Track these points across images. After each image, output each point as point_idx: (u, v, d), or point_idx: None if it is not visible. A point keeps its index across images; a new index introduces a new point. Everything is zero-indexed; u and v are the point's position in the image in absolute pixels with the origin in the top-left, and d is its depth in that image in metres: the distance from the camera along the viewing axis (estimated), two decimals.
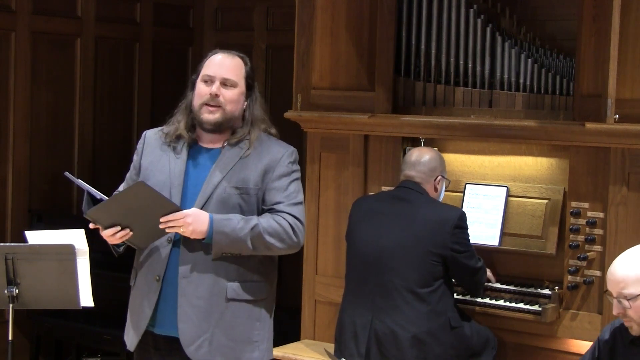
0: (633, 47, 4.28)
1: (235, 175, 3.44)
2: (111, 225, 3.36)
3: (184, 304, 3.40)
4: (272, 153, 3.50)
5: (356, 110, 4.98)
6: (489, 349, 4.41)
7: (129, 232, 3.36)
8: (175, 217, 3.32)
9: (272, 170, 3.47)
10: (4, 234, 6.03)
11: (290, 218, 3.45)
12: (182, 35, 7.14)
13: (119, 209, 3.34)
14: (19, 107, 6.09)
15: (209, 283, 3.41)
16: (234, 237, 3.36)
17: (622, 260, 3.14)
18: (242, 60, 3.54)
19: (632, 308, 3.08)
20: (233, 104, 3.47)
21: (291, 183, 3.50)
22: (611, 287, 3.14)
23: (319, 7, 5.07)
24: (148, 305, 3.45)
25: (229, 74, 3.48)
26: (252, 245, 3.39)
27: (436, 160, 4.44)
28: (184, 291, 3.40)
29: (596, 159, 4.38)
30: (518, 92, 4.75)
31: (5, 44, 6.02)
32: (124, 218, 3.35)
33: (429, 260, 4.21)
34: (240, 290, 3.44)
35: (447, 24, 4.90)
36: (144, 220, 3.35)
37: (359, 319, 4.29)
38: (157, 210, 3.32)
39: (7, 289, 3.73)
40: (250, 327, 3.49)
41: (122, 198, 3.38)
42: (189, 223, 3.32)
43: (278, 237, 3.42)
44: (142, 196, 3.32)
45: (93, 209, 3.36)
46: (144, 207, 3.32)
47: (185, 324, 3.40)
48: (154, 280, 3.44)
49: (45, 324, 5.86)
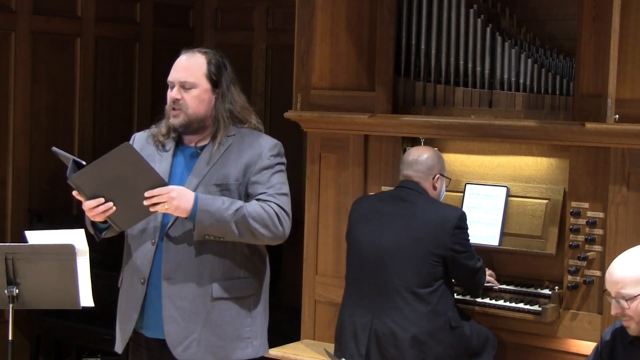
0: (633, 47, 4.28)
1: (216, 173, 3.44)
2: (94, 196, 3.30)
3: (169, 306, 3.39)
4: (254, 147, 3.48)
5: (356, 110, 4.98)
6: (489, 348, 4.41)
7: (112, 206, 3.30)
8: (161, 192, 3.29)
9: (254, 164, 3.46)
10: (4, 234, 6.03)
11: (275, 207, 3.42)
12: (182, 35, 7.13)
13: (104, 175, 3.28)
14: (19, 107, 6.09)
15: (193, 284, 3.40)
16: (218, 217, 3.33)
17: (621, 260, 3.15)
18: (204, 58, 3.51)
19: (630, 308, 3.09)
20: (194, 104, 3.46)
21: (274, 175, 3.48)
22: (610, 287, 3.15)
23: (319, 7, 5.07)
24: (134, 308, 3.45)
25: (186, 76, 3.46)
26: (236, 229, 3.35)
27: (433, 159, 4.43)
28: (167, 293, 3.39)
29: (596, 159, 4.38)
30: (518, 92, 4.75)
31: (5, 44, 6.02)
32: (108, 189, 3.29)
33: (429, 260, 4.21)
34: (226, 289, 3.43)
35: (447, 24, 4.90)
36: (129, 194, 3.29)
37: (359, 319, 4.29)
38: (143, 183, 3.28)
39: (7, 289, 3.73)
40: (240, 324, 3.47)
41: (107, 161, 3.28)
42: (173, 197, 3.29)
43: (263, 222, 3.38)
44: (128, 161, 3.27)
45: (77, 173, 3.30)
46: (129, 178, 3.28)
47: (170, 325, 3.39)
48: (139, 283, 3.44)
49: (45, 324, 5.86)
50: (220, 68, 3.52)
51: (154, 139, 3.55)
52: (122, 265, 3.58)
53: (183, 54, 3.54)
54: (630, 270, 3.10)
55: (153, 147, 3.54)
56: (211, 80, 3.49)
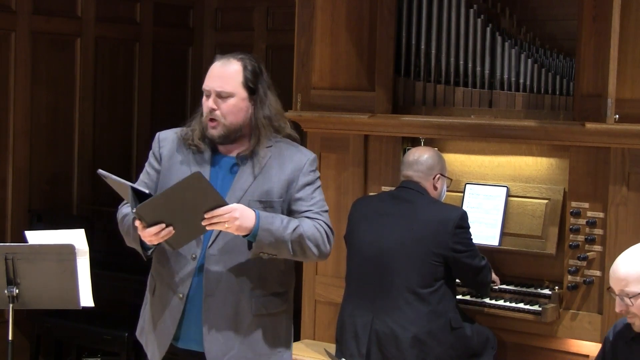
0: (633, 47, 4.29)
1: (258, 189, 3.34)
2: (155, 222, 3.14)
3: (210, 322, 3.33)
4: (294, 162, 3.39)
5: (356, 110, 4.98)
6: (489, 349, 4.41)
7: (172, 230, 3.17)
8: (222, 212, 3.14)
9: (296, 180, 3.37)
10: (4, 234, 6.03)
11: (325, 226, 3.35)
12: (182, 35, 7.14)
13: (168, 204, 3.14)
14: (19, 107, 6.09)
15: (234, 300, 3.33)
16: (277, 236, 3.24)
17: (625, 258, 3.14)
18: (240, 65, 3.37)
19: (634, 306, 3.09)
20: (232, 115, 3.34)
21: (315, 191, 3.41)
22: (613, 284, 3.15)
23: (319, 7, 5.07)
24: (172, 322, 3.37)
25: (222, 85, 3.34)
26: (291, 248, 3.28)
27: (434, 159, 4.43)
28: (209, 309, 3.32)
29: (596, 159, 4.38)
30: (518, 92, 4.75)
31: (5, 44, 6.02)
32: (171, 214, 3.14)
33: (430, 260, 4.21)
34: (264, 305, 3.38)
35: (447, 24, 4.90)
36: (189, 216, 3.16)
37: (360, 319, 4.29)
38: (203, 205, 3.14)
39: (7, 289, 3.74)
40: (276, 339, 3.43)
41: (174, 191, 3.12)
42: (236, 217, 3.17)
43: (315, 242, 3.32)
44: (195, 189, 3.12)
45: (144, 205, 3.12)
46: (192, 202, 3.14)
47: (211, 343, 3.33)
48: (177, 298, 3.35)
49: (45, 324, 5.86)
50: (257, 74, 3.38)
51: (186, 141, 3.41)
52: (152, 270, 3.48)
53: (217, 60, 3.40)
54: (634, 268, 3.09)
55: (188, 151, 3.41)
56: (248, 87, 3.36)
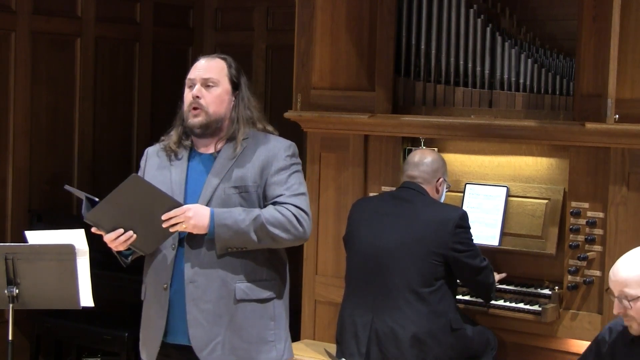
0: (633, 47, 4.29)
1: (233, 175, 3.42)
2: (113, 228, 3.33)
3: (193, 310, 3.38)
4: (269, 148, 3.48)
5: (356, 110, 4.98)
6: (489, 349, 4.41)
7: (133, 234, 3.33)
8: (175, 213, 3.30)
9: (270, 165, 3.45)
10: (4, 234, 6.03)
11: (293, 208, 3.41)
12: (182, 35, 7.13)
13: (118, 208, 3.31)
14: (19, 107, 6.09)
15: (217, 286, 3.38)
16: (236, 229, 3.33)
17: (625, 260, 3.14)
18: (224, 62, 3.52)
19: (633, 309, 3.09)
20: (216, 104, 3.45)
21: (291, 175, 3.47)
22: (613, 286, 3.15)
23: (319, 7, 5.07)
24: (160, 315, 3.42)
25: (209, 73, 3.46)
26: (256, 237, 3.36)
27: (438, 162, 4.44)
28: (192, 296, 3.38)
29: (596, 159, 4.38)
30: (518, 92, 4.75)
31: (5, 44, 6.02)
32: (125, 219, 3.32)
33: (431, 260, 4.21)
34: (249, 290, 3.42)
35: (447, 24, 4.90)
36: (146, 221, 3.32)
37: (360, 318, 4.29)
38: (158, 208, 3.30)
39: (7, 289, 3.74)
40: (264, 327, 3.46)
41: (118, 195, 3.32)
42: (190, 217, 3.30)
43: (282, 227, 3.38)
44: (139, 191, 3.30)
45: (92, 211, 3.32)
46: (144, 205, 3.30)
47: (195, 329, 3.38)
48: (162, 290, 3.42)
49: (45, 324, 5.86)
50: (240, 72, 3.54)
51: (166, 149, 3.53)
52: (144, 277, 3.56)
53: (202, 58, 3.54)
54: (634, 271, 3.10)
55: (165, 158, 3.52)
56: (232, 82, 3.50)
